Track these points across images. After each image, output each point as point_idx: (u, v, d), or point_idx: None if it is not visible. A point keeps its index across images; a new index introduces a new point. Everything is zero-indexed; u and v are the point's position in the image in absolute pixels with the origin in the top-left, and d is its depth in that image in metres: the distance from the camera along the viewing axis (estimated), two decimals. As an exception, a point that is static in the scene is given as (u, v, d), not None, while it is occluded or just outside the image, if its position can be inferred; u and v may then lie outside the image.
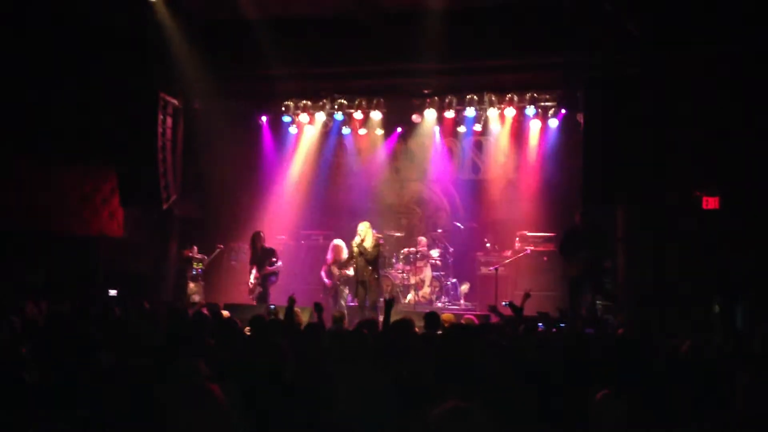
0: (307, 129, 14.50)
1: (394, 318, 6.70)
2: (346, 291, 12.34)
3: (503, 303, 9.60)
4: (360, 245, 11.16)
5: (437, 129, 14.30)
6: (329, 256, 12.35)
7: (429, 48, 10.65)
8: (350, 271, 11.92)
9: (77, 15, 11.40)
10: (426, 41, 10.59)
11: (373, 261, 11.20)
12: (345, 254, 12.04)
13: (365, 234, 11.23)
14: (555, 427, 4.04)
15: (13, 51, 11.68)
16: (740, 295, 9.77)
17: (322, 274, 12.39)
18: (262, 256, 12.28)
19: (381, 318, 10.44)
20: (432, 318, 7.13)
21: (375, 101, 13.66)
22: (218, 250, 13.49)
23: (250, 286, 12.30)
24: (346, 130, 14.41)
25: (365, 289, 11.06)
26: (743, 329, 9.08)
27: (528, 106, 12.96)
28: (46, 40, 11.74)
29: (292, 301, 7.27)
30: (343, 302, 12.11)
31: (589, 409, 3.35)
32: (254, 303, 11.80)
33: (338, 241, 12.38)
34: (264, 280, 12.18)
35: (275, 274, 12.28)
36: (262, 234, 12.49)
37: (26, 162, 12.67)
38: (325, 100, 13.86)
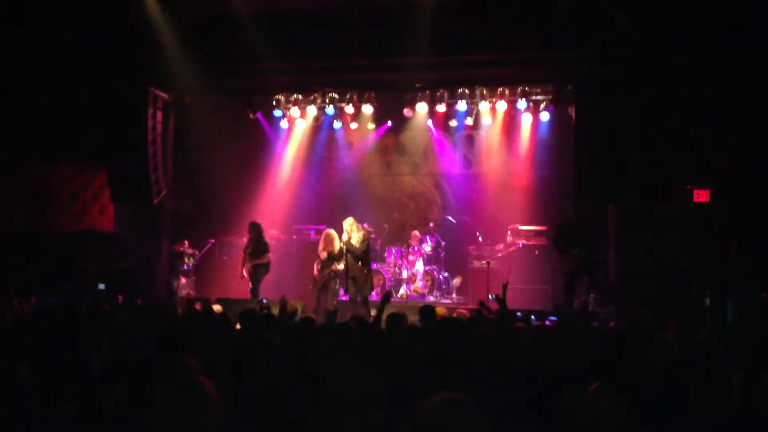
0: (298, 123, 14.46)
1: (386, 312, 6.69)
2: (337, 285, 12.18)
3: (490, 297, 9.61)
4: (347, 242, 11.04)
5: (429, 123, 14.29)
6: (320, 246, 12.01)
7: (420, 42, 10.60)
8: (341, 265, 11.73)
9: (67, 10, 11.32)
10: (417, 35, 10.55)
11: (362, 256, 11.08)
12: (337, 244, 11.65)
13: (351, 230, 11.07)
14: (546, 419, 4.05)
15: (1, 49, 11.61)
16: (731, 288, 9.81)
17: (315, 266, 12.06)
18: (254, 249, 12.10)
19: (373, 312, 10.45)
20: (427, 312, 7.09)
21: (366, 95, 13.61)
22: (210, 244, 13.46)
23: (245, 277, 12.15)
24: (337, 124, 14.37)
25: (355, 285, 10.98)
26: (734, 323, 9.13)
27: (519, 100, 12.94)
28: (34, 36, 11.66)
29: (284, 302, 7.28)
30: (331, 296, 11.80)
31: (581, 401, 3.34)
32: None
33: (330, 231, 11.90)
34: (253, 274, 12.04)
35: (263, 266, 11.98)
36: (256, 225, 12.16)
37: (15, 158, 12.61)
38: (316, 94, 13.81)
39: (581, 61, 11.07)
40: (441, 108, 13.47)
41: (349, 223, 11.14)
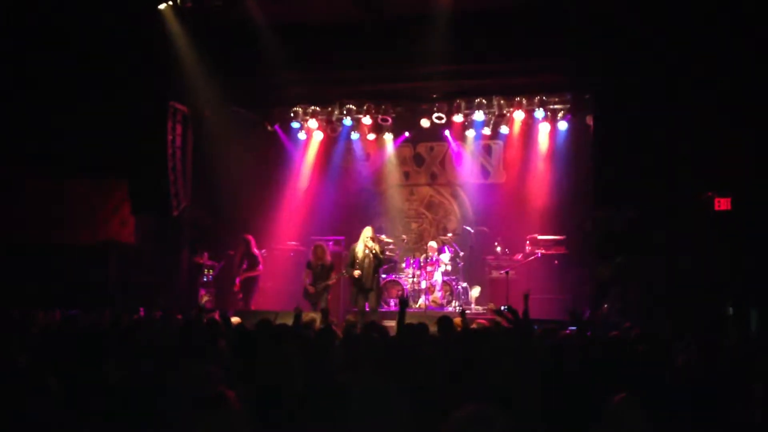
0: (315, 135, 14.52)
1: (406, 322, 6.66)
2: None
3: (502, 308, 9.47)
4: (372, 249, 11.00)
5: (447, 133, 14.30)
6: (312, 258, 11.54)
7: (437, 52, 10.65)
8: (330, 280, 11.41)
9: (86, 26, 11.47)
10: (434, 45, 10.60)
11: (378, 267, 11.14)
12: (328, 258, 11.48)
13: (373, 237, 11.16)
14: (568, 430, 4.02)
15: (23, 63, 11.76)
16: (754, 297, 9.69)
17: (305, 278, 11.59)
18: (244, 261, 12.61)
19: (385, 322, 10.37)
20: (445, 322, 7.05)
21: (383, 106, 13.66)
22: (229, 256, 13.50)
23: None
24: (354, 135, 14.42)
25: (366, 297, 10.87)
26: (757, 332, 9.02)
27: (537, 109, 12.92)
28: (54, 51, 11.81)
29: (299, 311, 7.28)
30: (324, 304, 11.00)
31: (605, 412, 3.32)
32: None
33: (321, 244, 11.78)
34: (243, 285, 12.48)
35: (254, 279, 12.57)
36: (246, 238, 12.76)
37: (37, 172, 12.74)
38: (333, 106, 13.88)
39: (597, 68, 11.03)
40: (458, 118, 13.48)
41: (371, 231, 11.17)
